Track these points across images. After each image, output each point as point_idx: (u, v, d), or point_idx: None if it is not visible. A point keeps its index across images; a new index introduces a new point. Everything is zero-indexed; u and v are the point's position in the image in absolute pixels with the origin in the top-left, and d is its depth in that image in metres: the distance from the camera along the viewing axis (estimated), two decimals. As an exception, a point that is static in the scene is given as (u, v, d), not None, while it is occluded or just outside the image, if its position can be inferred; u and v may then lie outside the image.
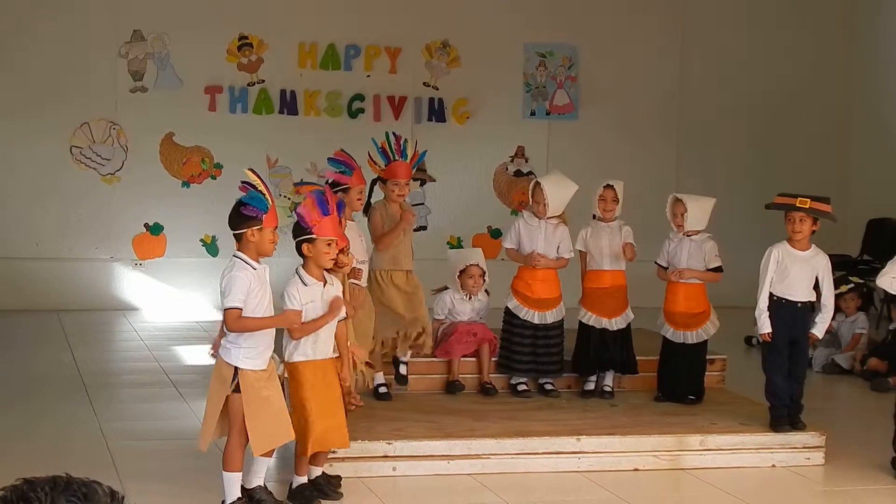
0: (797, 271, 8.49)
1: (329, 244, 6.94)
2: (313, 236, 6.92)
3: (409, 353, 9.21)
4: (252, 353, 6.65)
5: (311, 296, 6.97)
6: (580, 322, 9.55)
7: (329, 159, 8.60)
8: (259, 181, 6.65)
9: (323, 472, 7.35)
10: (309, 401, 6.99)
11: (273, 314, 6.75)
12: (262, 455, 6.84)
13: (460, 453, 7.96)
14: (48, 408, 9.40)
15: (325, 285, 7.03)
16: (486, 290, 9.74)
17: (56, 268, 13.86)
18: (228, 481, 6.81)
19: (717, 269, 9.22)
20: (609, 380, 9.53)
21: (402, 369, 9.23)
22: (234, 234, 6.73)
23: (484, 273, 9.59)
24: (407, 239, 9.09)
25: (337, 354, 7.20)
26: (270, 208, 6.66)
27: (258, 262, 6.71)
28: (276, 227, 6.76)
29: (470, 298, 9.63)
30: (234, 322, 6.60)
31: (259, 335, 6.66)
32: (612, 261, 9.48)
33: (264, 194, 6.63)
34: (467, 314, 9.62)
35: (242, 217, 6.66)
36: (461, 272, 9.58)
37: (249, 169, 6.83)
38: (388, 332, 8.92)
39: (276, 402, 6.77)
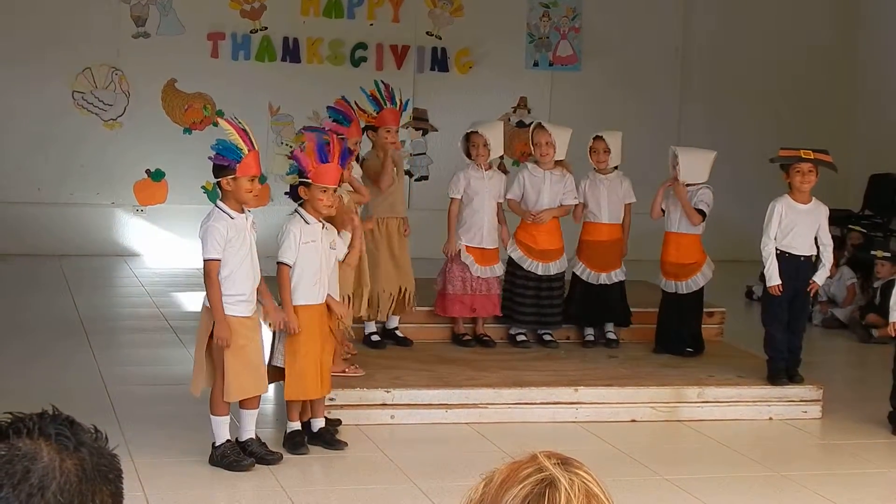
0: (801, 225, 8.52)
1: (324, 191, 6.98)
2: (308, 181, 6.97)
3: (397, 318, 9.17)
4: (233, 300, 6.76)
5: (311, 235, 7.05)
6: (574, 274, 9.56)
7: (328, 108, 8.59)
8: (234, 130, 6.66)
9: (326, 423, 7.39)
10: (302, 345, 7.04)
11: (255, 263, 6.87)
12: (243, 407, 6.92)
13: (458, 402, 8.00)
14: (48, 352, 9.43)
15: (322, 227, 7.09)
16: (501, 167, 9.43)
17: (57, 213, 13.85)
18: (216, 425, 6.91)
19: (700, 213, 9.15)
20: (612, 328, 9.55)
21: (399, 333, 9.21)
22: (216, 183, 6.85)
23: (487, 143, 9.06)
24: (401, 185, 9.12)
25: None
26: (246, 158, 6.67)
27: (241, 211, 6.77)
28: (256, 177, 6.78)
29: (484, 171, 9.17)
30: (209, 273, 6.76)
31: (240, 284, 6.76)
32: (611, 214, 9.47)
33: (238, 144, 6.65)
34: (484, 194, 9.16)
35: (216, 166, 6.75)
36: (465, 140, 9.22)
37: (226, 118, 6.89)
38: (376, 285, 8.88)
39: (252, 354, 6.86)
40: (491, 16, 14.83)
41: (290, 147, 14.15)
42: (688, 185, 9.19)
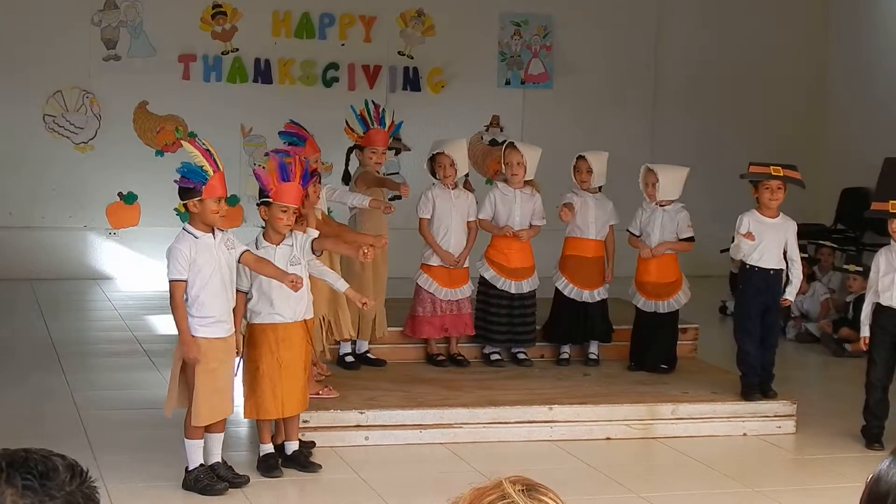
0: (769, 239, 8.57)
1: (284, 210, 6.95)
2: (269, 200, 6.96)
3: (366, 342, 9.14)
4: (205, 322, 6.71)
5: (266, 257, 7.01)
6: (557, 290, 9.54)
7: (280, 133, 8.58)
8: (199, 152, 6.65)
9: (300, 445, 7.35)
10: (259, 363, 7.00)
11: (226, 284, 6.82)
12: (209, 431, 6.88)
13: (432, 422, 7.98)
14: (20, 377, 9.37)
15: (278, 245, 7.05)
16: (467, 185, 9.49)
17: (29, 236, 13.78)
18: (190, 448, 6.87)
19: (689, 239, 9.27)
20: (594, 347, 9.56)
21: (371, 355, 9.18)
22: (184, 205, 6.85)
23: (454, 163, 9.11)
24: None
25: (310, 316, 7.22)
26: (212, 179, 6.66)
27: (211, 231, 6.74)
28: (223, 198, 6.75)
29: (451, 191, 9.20)
30: (172, 294, 6.73)
31: (210, 306, 6.72)
32: (598, 231, 9.49)
33: (203, 166, 6.64)
34: (451, 213, 9.16)
35: (182, 189, 6.74)
36: (431, 160, 9.23)
37: (189, 140, 6.88)
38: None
39: (222, 378, 6.81)
40: (462, 35, 14.85)
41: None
42: (661, 204, 9.23)
